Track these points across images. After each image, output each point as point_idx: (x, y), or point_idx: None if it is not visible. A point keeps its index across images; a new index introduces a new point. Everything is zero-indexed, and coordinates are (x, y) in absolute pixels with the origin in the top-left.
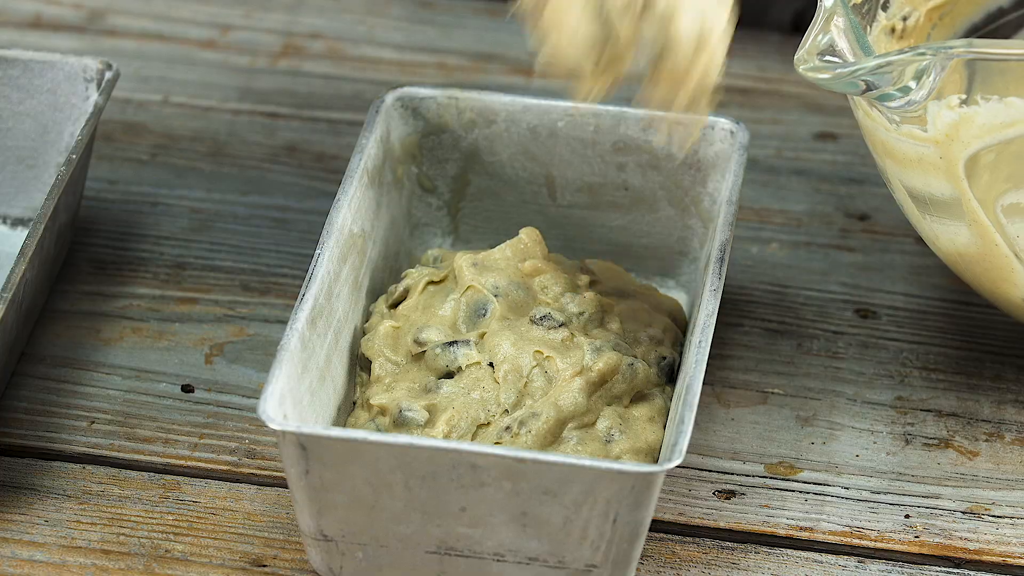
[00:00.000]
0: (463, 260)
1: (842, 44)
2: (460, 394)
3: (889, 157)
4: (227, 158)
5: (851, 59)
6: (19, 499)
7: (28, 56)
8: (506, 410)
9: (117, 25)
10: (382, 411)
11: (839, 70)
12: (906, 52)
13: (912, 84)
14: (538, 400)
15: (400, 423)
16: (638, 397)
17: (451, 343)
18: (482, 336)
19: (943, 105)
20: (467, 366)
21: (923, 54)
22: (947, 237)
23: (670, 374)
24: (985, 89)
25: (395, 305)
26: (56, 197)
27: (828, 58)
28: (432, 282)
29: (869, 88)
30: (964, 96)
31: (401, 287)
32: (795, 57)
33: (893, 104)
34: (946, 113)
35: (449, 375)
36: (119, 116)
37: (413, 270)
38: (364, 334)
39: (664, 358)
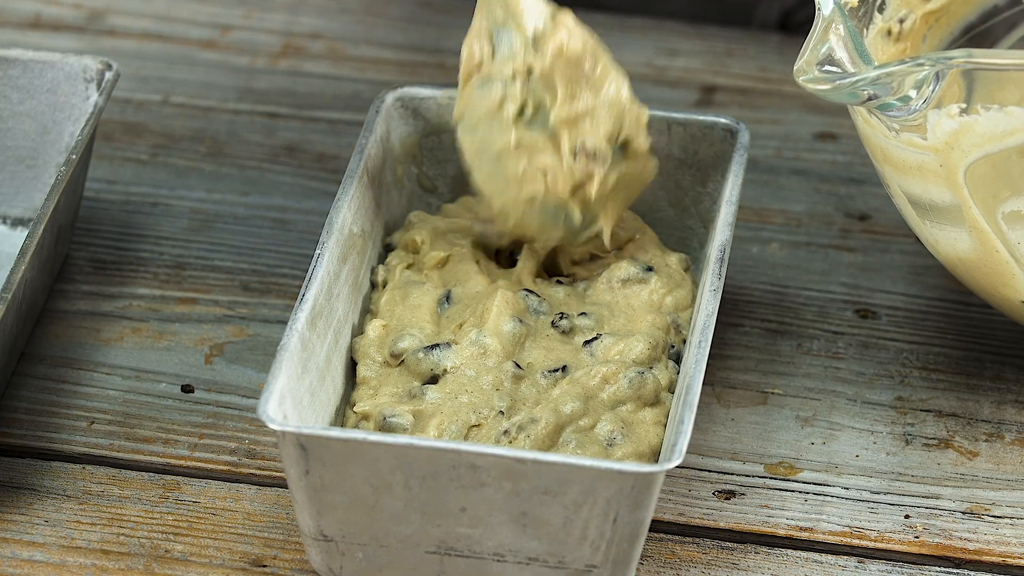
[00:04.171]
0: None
1: (841, 53)
2: (447, 399)
3: (888, 164)
4: (227, 158)
5: (851, 69)
6: (19, 499)
7: (28, 56)
8: (500, 411)
9: (117, 25)
10: (365, 417)
11: (839, 81)
12: (906, 63)
13: (912, 93)
14: (531, 402)
15: (386, 429)
16: (648, 403)
17: (432, 347)
18: (460, 327)
19: (943, 114)
20: (452, 368)
21: (922, 64)
22: (947, 243)
23: (676, 359)
24: (985, 98)
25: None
26: (56, 197)
27: (828, 68)
28: (409, 266)
29: (870, 98)
30: (964, 105)
31: (381, 276)
32: (794, 68)
33: (893, 113)
34: (946, 122)
35: (434, 378)
36: (119, 116)
37: (392, 254)
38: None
39: (672, 346)
